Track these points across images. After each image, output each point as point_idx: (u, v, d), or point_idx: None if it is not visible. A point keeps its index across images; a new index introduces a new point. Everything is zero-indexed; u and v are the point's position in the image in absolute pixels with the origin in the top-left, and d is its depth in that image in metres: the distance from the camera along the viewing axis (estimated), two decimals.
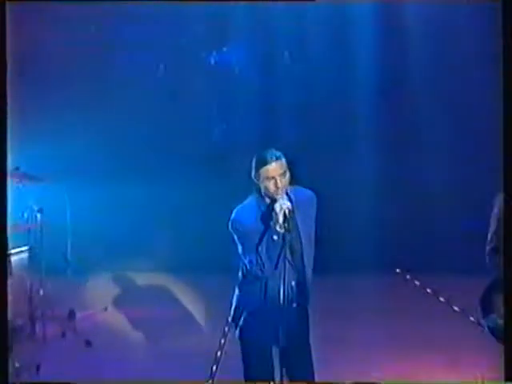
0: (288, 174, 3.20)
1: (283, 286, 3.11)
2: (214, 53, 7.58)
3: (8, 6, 2.99)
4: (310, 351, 3.41)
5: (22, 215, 5.37)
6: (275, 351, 3.25)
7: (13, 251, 5.30)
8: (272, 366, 3.27)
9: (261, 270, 3.20)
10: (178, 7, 7.09)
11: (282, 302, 3.10)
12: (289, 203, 3.14)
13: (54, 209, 5.58)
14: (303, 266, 3.33)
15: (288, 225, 3.08)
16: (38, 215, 5.35)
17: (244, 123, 7.30)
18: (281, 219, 3.07)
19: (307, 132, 7.50)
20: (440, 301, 6.24)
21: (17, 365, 4.74)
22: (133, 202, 7.21)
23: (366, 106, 7.40)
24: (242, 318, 3.35)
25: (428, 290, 6.55)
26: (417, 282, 6.81)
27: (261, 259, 3.20)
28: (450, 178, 7.22)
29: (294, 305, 3.33)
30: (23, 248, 5.46)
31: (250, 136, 6.97)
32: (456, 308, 5.77)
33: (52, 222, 5.50)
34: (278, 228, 3.10)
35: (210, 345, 5.10)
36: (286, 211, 3.08)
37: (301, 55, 7.50)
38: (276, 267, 3.17)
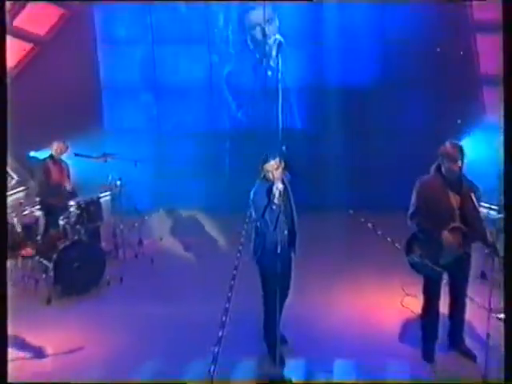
0: (281, 169, 4.22)
1: (280, 236, 4.18)
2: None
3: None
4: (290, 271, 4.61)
5: (107, 181, 6.78)
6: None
7: (102, 195, 6.82)
8: (277, 280, 4.09)
9: (267, 227, 4.30)
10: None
11: (279, 245, 4.15)
12: (282, 185, 4.15)
13: (128, 177, 6.95)
14: (293, 223, 4.42)
15: (282, 199, 4.16)
16: (118, 182, 6.78)
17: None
18: (277, 195, 4.11)
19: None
20: (388, 241, 7.20)
21: (107, 277, 6.06)
22: (179, 172, 8.81)
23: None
24: (259, 251, 4.45)
25: (379, 232, 7.63)
26: (370, 225, 7.89)
27: (266, 221, 4.26)
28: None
29: (286, 247, 4.40)
30: (107, 193, 7.06)
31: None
32: (397, 245, 6.41)
33: (126, 185, 6.89)
34: (275, 201, 4.13)
35: (230, 262, 6.56)
36: (281, 190, 4.13)
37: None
38: (275, 226, 4.20)
